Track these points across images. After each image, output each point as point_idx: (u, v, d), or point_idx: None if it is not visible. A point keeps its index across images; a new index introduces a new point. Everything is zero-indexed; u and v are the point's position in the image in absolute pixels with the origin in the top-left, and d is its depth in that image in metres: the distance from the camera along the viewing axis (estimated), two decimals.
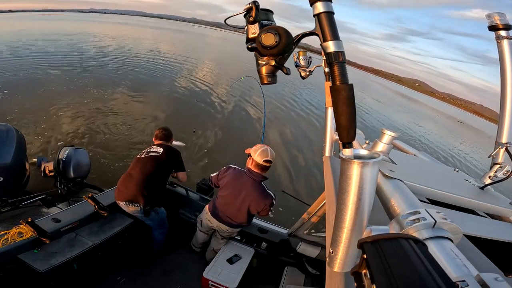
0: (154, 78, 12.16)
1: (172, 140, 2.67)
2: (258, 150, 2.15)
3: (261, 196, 2.17)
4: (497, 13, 1.02)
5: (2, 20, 35.44)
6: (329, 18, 0.55)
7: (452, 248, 0.43)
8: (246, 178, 2.19)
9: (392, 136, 0.89)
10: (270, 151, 2.16)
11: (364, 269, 0.31)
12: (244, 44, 0.70)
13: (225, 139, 7.03)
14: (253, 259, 2.49)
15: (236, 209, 2.23)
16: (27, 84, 8.11)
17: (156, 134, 2.60)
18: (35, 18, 46.12)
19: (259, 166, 2.15)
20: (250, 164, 2.19)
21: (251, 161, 2.19)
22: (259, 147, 2.18)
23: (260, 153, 2.13)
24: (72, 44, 17.93)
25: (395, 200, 0.63)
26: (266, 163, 2.14)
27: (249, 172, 2.18)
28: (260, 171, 2.17)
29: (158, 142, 2.54)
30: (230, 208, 2.24)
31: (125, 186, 2.28)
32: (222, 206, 2.27)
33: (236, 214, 2.25)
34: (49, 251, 1.88)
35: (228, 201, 2.24)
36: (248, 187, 2.17)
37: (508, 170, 1.04)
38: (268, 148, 2.18)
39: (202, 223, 2.46)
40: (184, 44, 36.04)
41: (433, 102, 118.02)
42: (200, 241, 2.60)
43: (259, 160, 2.12)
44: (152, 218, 2.39)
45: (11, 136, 2.51)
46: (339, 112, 0.53)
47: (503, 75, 1.04)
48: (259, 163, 2.13)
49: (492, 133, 1.15)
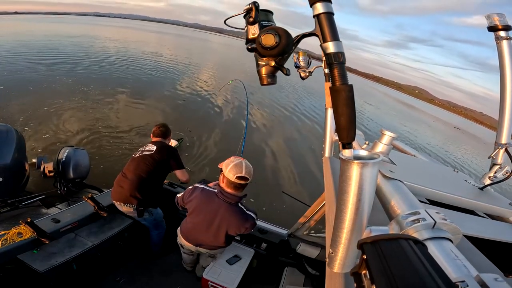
0: (156, 81, 12.16)
1: (170, 137, 2.57)
2: (230, 165, 1.75)
3: (240, 220, 1.84)
4: (496, 13, 1.02)
5: (8, 21, 35.43)
6: (329, 18, 0.55)
7: (451, 249, 0.43)
8: (218, 202, 1.82)
9: (391, 137, 0.90)
10: (245, 165, 1.76)
11: (364, 269, 0.31)
12: (244, 48, 0.70)
13: (218, 140, 7.03)
14: (253, 260, 2.49)
15: (212, 235, 1.91)
16: (28, 85, 8.10)
17: (154, 131, 2.48)
18: (40, 20, 46.13)
19: (232, 185, 1.77)
20: (222, 182, 1.82)
21: (222, 178, 1.81)
22: (232, 160, 1.79)
23: (232, 168, 1.74)
24: (74, 46, 17.95)
25: (394, 201, 0.63)
26: (240, 180, 1.75)
27: (221, 193, 1.81)
28: (234, 191, 1.80)
29: (155, 139, 2.44)
30: (205, 234, 1.93)
31: (119, 186, 2.25)
32: (196, 232, 1.97)
33: (214, 240, 1.94)
34: (49, 252, 1.88)
35: (201, 228, 1.91)
36: (222, 212, 1.83)
37: (507, 170, 1.04)
38: (243, 161, 1.79)
39: (182, 246, 2.15)
40: (185, 48, 36.12)
41: (433, 109, 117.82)
42: (188, 261, 2.40)
43: (231, 177, 1.73)
44: (146, 219, 2.37)
45: (11, 137, 2.52)
46: (339, 112, 0.53)
47: (502, 76, 1.05)
48: (231, 181, 1.75)
49: (488, 139, 1.15)
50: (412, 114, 41.32)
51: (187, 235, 2.03)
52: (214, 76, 16.64)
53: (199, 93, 11.29)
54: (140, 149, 2.40)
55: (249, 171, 1.77)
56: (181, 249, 2.23)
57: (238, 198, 1.83)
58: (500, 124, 1.09)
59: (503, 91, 1.05)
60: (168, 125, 2.57)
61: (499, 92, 1.08)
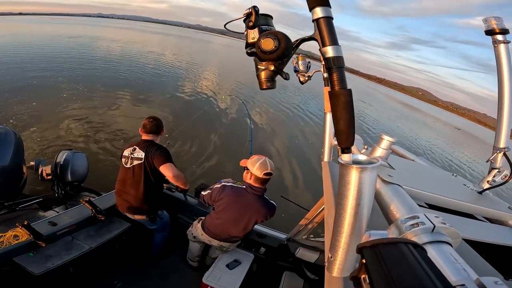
0: (157, 84, 12.13)
1: (163, 132, 2.36)
2: (257, 163, 1.99)
3: (268, 209, 2.11)
4: (493, 17, 1.03)
5: (13, 22, 35.49)
6: (328, 23, 0.55)
7: (451, 252, 0.43)
8: (249, 196, 2.05)
9: (390, 141, 0.90)
10: (269, 163, 2.02)
11: (363, 273, 0.31)
12: (243, 50, 0.70)
13: (220, 144, 7.02)
14: (253, 264, 2.47)
15: (242, 227, 2.14)
16: (28, 87, 8.10)
17: (144, 124, 2.25)
18: (45, 21, 46.27)
19: (260, 180, 2.01)
20: (249, 179, 2.05)
21: (249, 175, 2.05)
22: (257, 159, 2.03)
23: (259, 166, 1.98)
24: (76, 47, 18.03)
25: (394, 205, 0.63)
26: (267, 176, 2.00)
27: (250, 188, 2.04)
28: (260, 185, 2.05)
29: (146, 137, 2.26)
30: (235, 228, 2.14)
31: (124, 200, 2.25)
32: (223, 227, 2.16)
33: (242, 231, 2.17)
34: (45, 254, 1.87)
35: (231, 222, 2.12)
36: (254, 205, 2.06)
37: (506, 174, 1.05)
38: (267, 159, 2.04)
39: (196, 237, 2.34)
40: (188, 50, 36.28)
41: (436, 110, 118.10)
42: (196, 253, 2.49)
43: (259, 174, 1.98)
44: (157, 222, 2.40)
45: (9, 139, 2.51)
46: (338, 117, 0.53)
47: (500, 79, 1.05)
48: (259, 177, 1.99)
49: (487, 140, 1.16)
50: (417, 116, 41.44)
51: (213, 232, 2.19)
52: (217, 83, 16.71)
53: (202, 97, 11.29)
54: (128, 154, 2.24)
55: (272, 167, 2.03)
56: (191, 240, 2.39)
57: (264, 190, 2.09)
58: (498, 128, 1.09)
59: (501, 95, 1.06)
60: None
61: (497, 96, 1.09)
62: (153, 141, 2.28)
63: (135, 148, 2.24)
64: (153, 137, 2.29)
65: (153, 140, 2.28)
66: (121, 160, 2.29)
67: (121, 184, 2.27)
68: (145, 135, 2.28)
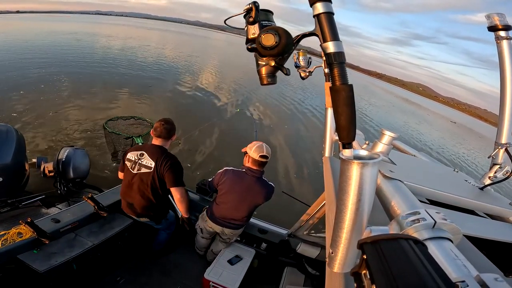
0: (159, 80, 12.09)
1: (175, 136, 2.24)
2: (254, 147, 2.16)
3: (267, 190, 2.22)
4: (496, 13, 1.02)
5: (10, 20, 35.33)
6: (328, 18, 0.55)
7: (452, 249, 0.43)
8: (249, 178, 2.18)
9: (391, 136, 0.90)
10: (265, 147, 2.17)
11: (364, 269, 0.31)
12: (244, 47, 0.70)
13: (223, 141, 7.02)
14: (254, 260, 2.49)
15: (243, 210, 2.24)
16: (28, 84, 8.09)
17: (156, 127, 2.13)
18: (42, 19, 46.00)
19: (257, 163, 2.16)
20: (248, 162, 2.20)
21: (247, 159, 2.20)
22: (254, 143, 2.19)
23: (256, 149, 2.14)
24: (76, 44, 17.90)
25: (395, 201, 0.63)
26: (262, 159, 2.15)
27: (250, 171, 2.19)
28: (258, 167, 2.19)
29: (156, 142, 2.15)
30: (236, 211, 2.24)
31: (129, 204, 2.24)
32: (226, 211, 2.25)
33: (242, 215, 2.26)
34: (49, 252, 1.88)
35: (234, 205, 2.22)
36: (253, 186, 2.18)
37: (507, 170, 1.04)
38: (263, 144, 2.19)
39: (202, 230, 2.44)
40: (188, 46, 36.10)
41: (436, 106, 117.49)
42: (203, 246, 2.60)
43: (255, 156, 2.13)
44: (162, 223, 2.42)
45: (10, 137, 2.51)
46: (339, 112, 0.53)
47: (502, 75, 1.05)
48: (256, 159, 2.14)
49: (487, 134, 1.15)
50: (417, 112, 41.28)
51: (216, 217, 2.29)
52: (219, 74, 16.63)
53: (206, 98, 11.28)
54: (134, 159, 2.14)
55: (268, 151, 2.17)
56: (199, 235, 2.50)
57: (261, 172, 2.22)
58: (500, 124, 1.09)
59: (503, 91, 1.05)
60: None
61: (499, 92, 1.08)
62: (163, 148, 2.16)
63: (143, 154, 2.12)
64: (162, 142, 2.16)
65: (162, 146, 2.17)
66: (124, 162, 2.20)
67: (127, 188, 2.22)
68: (155, 138, 2.16)
